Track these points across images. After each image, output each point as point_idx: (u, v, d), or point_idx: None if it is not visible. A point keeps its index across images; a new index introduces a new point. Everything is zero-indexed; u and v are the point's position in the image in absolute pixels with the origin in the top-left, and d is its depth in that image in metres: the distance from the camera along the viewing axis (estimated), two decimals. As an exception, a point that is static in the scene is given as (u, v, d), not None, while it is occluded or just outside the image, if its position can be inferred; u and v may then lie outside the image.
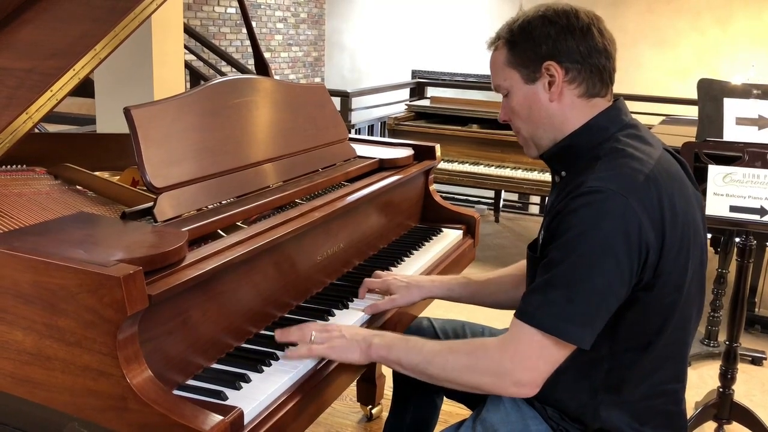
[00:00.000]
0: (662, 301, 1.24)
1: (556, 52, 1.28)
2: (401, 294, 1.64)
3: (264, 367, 1.29)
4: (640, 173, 1.21)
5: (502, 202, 5.54)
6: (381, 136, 5.60)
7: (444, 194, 5.58)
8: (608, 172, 1.21)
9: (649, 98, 5.61)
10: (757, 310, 3.53)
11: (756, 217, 2.07)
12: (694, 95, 2.99)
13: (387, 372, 2.33)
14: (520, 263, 1.63)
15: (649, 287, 1.22)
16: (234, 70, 6.55)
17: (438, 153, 2.25)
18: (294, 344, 1.36)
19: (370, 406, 2.54)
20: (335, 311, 1.55)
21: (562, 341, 1.18)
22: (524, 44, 1.31)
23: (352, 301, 1.62)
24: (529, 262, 1.42)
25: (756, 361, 3.17)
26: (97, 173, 1.73)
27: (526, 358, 1.20)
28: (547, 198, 4.23)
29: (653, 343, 1.27)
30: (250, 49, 2.17)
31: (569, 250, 1.18)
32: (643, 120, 5.03)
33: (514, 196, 5.94)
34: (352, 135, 2.43)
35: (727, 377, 2.32)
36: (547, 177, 4.02)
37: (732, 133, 2.41)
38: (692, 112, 3.39)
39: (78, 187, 1.69)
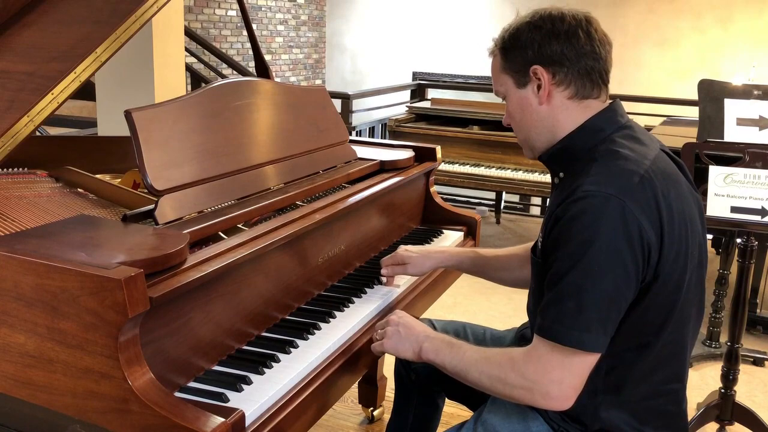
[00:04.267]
0: (663, 300, 1.25)
1: (541, 57, 1.31)
2: (413, 263, 1.73)
3: (265, 369, 1.29)
4: (634, 174, 1.22)
5: (503, 204, 5.54)
6: (382, 138, 5.60)
7: (445, 196, 5.58)
8: (603, 176, 1.22)
9: (650, 99, 5.61)
10: (758, 311, 3.53)
11: (757, 218, 2.07)
12: (695, 95, 2.99)
13: (388, 374, 2.32)
14: (527, 244, 1.67)
15: (649, 286, 1.23)
16: (235, 72, 6.56)
17: (439, 155, 2.26)
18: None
19: (371, 408, 2.53)
20: (336, 313, 1.56)
21: (581, 351, 1.19)
22: (514, 50, 1.34)
23: (353, 302, 1.62)
24: (532, 266, 1.43)
25: (758, 362, 3.17)
26: (98, 176, 1.73)
27: (549, 371, 1.22)
28: (548, 199, 4.23)
29: (652, 342, 1.28)
30: (250, 52, 2.17)
31: (575, 260, 1.19)
32: (644, 120, 5.04)
33: (516, 198, 5.94)
34: (353, 137, 2.43)
35: (729, 378, 2.32)
36: (548, 178, 4.02)
37: (733, 133, 2.42)
38: (693, 112, 3.38)
39: (79, 189, 1.69)
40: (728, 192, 2.10)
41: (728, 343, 2.32)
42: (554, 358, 1.21)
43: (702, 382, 2.94)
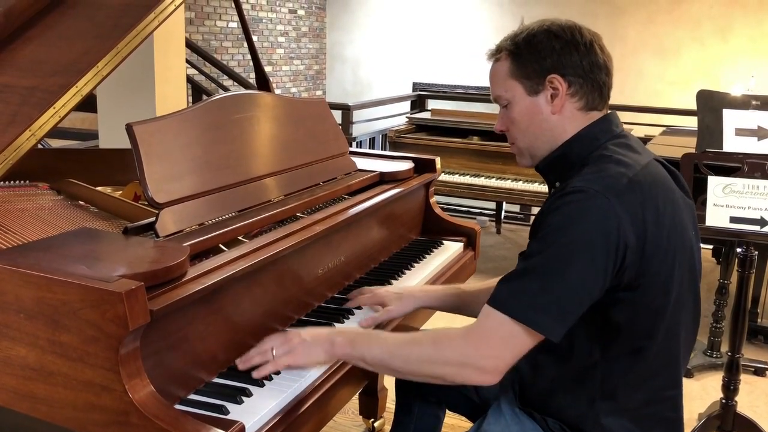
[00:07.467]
0: (649, 304, 1.26)
1: (560, 66, 1.31)
2: (395, 305, 1.65)
3: (266, 381, 1.29)
4: (623, 176, 1.23)
5: (503, 214, 5.55)
6: (382, 149, 5.61)
7: (445, 206, 5.58)
8: (593, 175, 1.24)
9: (649, 109, 5.63)
10: (759, 320, 3.53)
11: (756, 228, 2.07)
12: (694, 105, 3.00)
13: (389, 385, 2.32)
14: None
15: (633, 288, 1.23)
16: (236, 83, 6.59)
17: (438, 166, 2.27)
18: None
19: (372, 420, 2.53)
20: (336, 325, 1.56)
21: (531, 330, 1.18)
22: (529, 57, 1.33)
23: (353, 314, 1.63)
24: None
25: (759, 372, 3.17)
26: (99, 188, 1.74)
27: (491, 345, 1.21)
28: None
29: (646, 347, 1.28)
30: (251, 63, 2.19)
31: (548, 243, 1.21)
32: (643, 130, 5.05)
33: (516, 208, 5.95)
34: (353, 148, 2.44)
35: (730, 388, 2.32)
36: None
37: (731, 143, 2.42)
38: (693, 122, 3.39)
39: (80, 202, 1.70)
40: (727, 202, 2.11)
41: (729, 353, 2.32)
42: (500, 332, 1.20)
43: (703, 392, 2.94)
